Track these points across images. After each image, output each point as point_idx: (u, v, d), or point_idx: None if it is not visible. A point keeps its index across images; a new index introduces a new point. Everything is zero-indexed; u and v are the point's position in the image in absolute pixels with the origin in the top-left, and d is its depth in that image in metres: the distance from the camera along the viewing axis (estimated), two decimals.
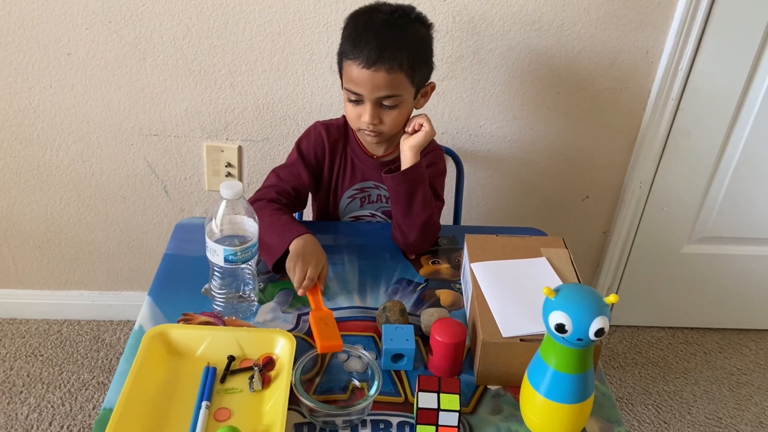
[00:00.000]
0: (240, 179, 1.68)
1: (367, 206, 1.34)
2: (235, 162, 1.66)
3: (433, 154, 1.29)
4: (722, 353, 1.94)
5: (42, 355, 1.77)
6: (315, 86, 1.56)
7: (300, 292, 1.08)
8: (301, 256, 1.10)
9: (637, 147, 1.67)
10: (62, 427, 1.58)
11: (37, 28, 1.46)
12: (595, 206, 1.78)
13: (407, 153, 1.19)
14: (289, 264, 1.10)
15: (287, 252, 1.12)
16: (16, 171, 1.65)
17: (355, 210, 1.34)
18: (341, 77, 1.20)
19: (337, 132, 1.29)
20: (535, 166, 1.70)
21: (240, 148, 1.65)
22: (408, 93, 1.17)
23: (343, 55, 1.15)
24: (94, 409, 1.63)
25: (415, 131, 1.19)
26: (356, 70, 1.12)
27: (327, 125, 1.30)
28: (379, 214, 1.35)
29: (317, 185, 1.32)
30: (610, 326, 1.99)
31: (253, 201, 1.21)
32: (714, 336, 2.00)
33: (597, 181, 1.74)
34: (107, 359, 1.77)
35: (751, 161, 1.70)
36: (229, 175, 1.68)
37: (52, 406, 1.63)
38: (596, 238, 1.85)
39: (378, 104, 1.15)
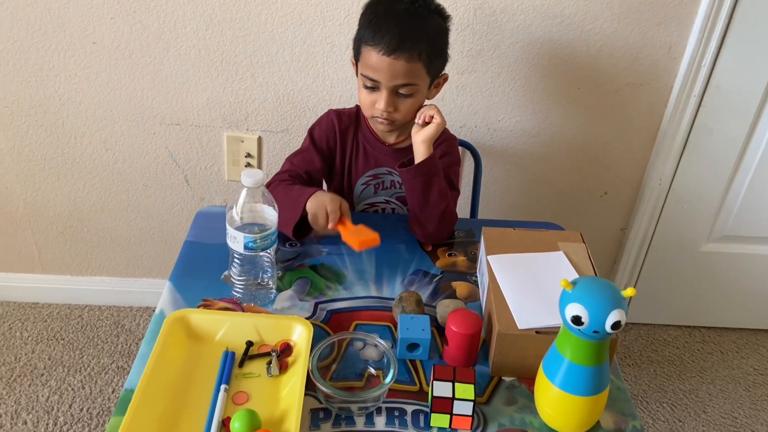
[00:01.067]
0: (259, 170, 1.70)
1: (382, 193, 1.35)
2: (254, 152, 1.68)
3: (446, 144, 1.29)
4: (739, 353, 1.93)
5: (63, 339, 1.81)
6: (335, 78, 1.57)
7: (330, 226, 1.11)
8: (317, 207, 1.13)
9: (658, 143, 1.66)
10: (82, 409, 1.61)
11: (63, 16, 1.48)
12: (613, 202, 1.77)
13: (420, 146, 1.19)
14: (311, 221, 1.14)
15: (305, 218, 1.15)
16: (41, 158, 1.69)
17: (370, 197, 1.35)
18: (356, 64, 1.20)
19: (348, 119, 1.31)
20: (554, 161, 1.70)
21: (260, 139, 1.66)
22: (424, 83, 1.18)
23: (361, 41, 1.16)
24: (113, 392, 1.66)
25: (425, 123, 1.19)
26: (375, 57, 1.13)
27: (339, 113, 1.32)
28: (393, 200, 1.36)
29: (331, 172, 1.34)
30: (627, 324, 1.98)
31: (267, 186, 1.23)
32: (731, 336, 1.98)
33: (616, 177, 1.73)
34: (127, 344, 1.81)
35: None
36: (248, 165, 1.70)
37: (73, 389, 1.66)
38: (614, 234, 1.84)
39: (394, 92, 1.16)
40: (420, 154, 1.19)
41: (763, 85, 1.57)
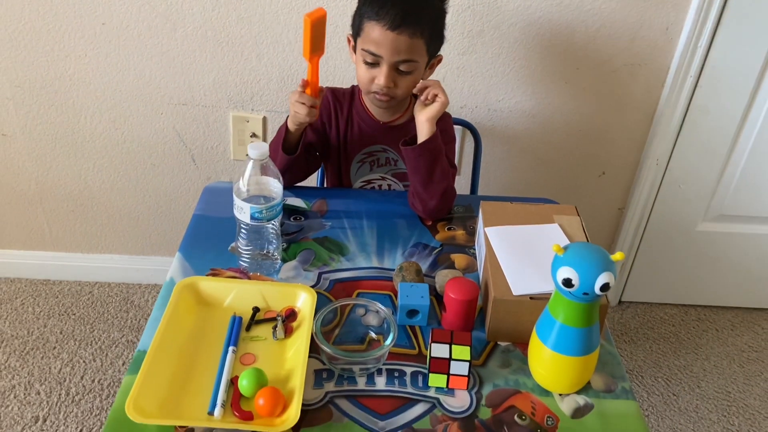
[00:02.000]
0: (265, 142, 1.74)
1: (377, 170, 1.38)
2: (259, 132, 1.71)
3: (442, 121, 1.29)
4: (734, 331, 1.97)
5: (74, 314, 1.86)
6: (338, 59, 1.60)
7: (306, 91, 1.18)
8: (290, 109, 1.21)
9: (655, 124, 1.69)
10: (93, 380, 1.67)
11: None
12: (611, 182, 1.81)
13: (424, 125, 1.21)
14: (300, 117, 1.20)
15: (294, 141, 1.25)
16: (51, 137, 1.73)
17: (366, 174, 1.39)
18: (354, 40, 1.23)
19: (342, 97, 1.35)
20: (552, 141, 1.73)
21: (265, 119, 1.70)
22: (422, 61, 1.21)
23: (363, 16, 1.18)
24: (123, 365, 1.71)
25: (428, 101, 1.21)
26: (379, 32, 1.15)
27: (334, 90, 1.35)
28: (389, 176, 1.39)
29: (327, 149, 1.37)
30: (624, 302, 2.02)
31: None
32: (726, 314, 2.02)
33: (614, 157, 1.76)
34: (136, 319, 1.86)
35: None
36: None
37: (84, 362, 1.72)
38: (612, 214, 1.87)
39: (394, 68, 1.19)
40: (424, 132, 1.21)
41: (758, 64, 1.60)
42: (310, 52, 1.14)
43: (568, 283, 0.83)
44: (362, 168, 1.38)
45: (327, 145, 1.37)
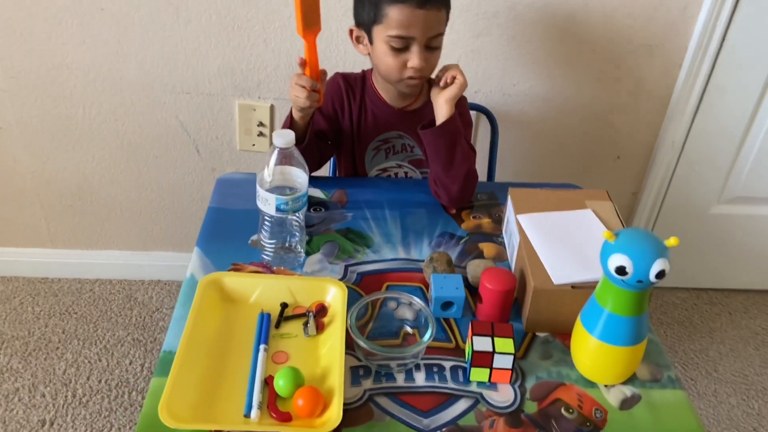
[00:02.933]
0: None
1: (393, 157, 1.34)
2: (267, 121, 1.66)
3: (460, 105, 1.26)
4: (747, 314, 1.96)
5: (76, 313, 1.80)
6: (348, 44, 1.54)
7: (308, 74, 1.12)
8: (291, 95, 1.15)
9: (672, 105, 1.66)
10: (100, 381, 1.61)
11: None
12: (626, 167, 1.78)
13: (443, 106, 1.17)
14: (303, 102, 1.13)
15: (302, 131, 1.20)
16: (48, 129, 1.66)
17: (381, 162, 1.34)
18: (369, 28, 1.17)
19: (354, 83, 1.30)
20: (567, 125, 1.70)
21: (272, 107, 1.64)
22: (444, 31, 1.17)
23: (382, 2, 1.12)
24: (130, 364, 1.66)
25: (447, 84, 1.18)
26: (407, 12, 1.11)
27: (345, 76, 1.31)
28: (405, 164, 1.35)
29: (339, 136, 1.32)
30: None
31: None
32: (738, 297, 2.01)
33: (629, 140, 1.73)
34: (141, 317, 1.80)
35: None
36: (260, 134, 1.68)
37: (89, 362, 1.66)
38: (626, 198, 1.85)
39: (425, 46, 1.15)
40: (443, 113, 1.18)
41: None
42: (303, 28, 1.06)
43: (621, 270, 0.79)
44: (378, 156, 1.34)
45: (340, 133, 1.32)
